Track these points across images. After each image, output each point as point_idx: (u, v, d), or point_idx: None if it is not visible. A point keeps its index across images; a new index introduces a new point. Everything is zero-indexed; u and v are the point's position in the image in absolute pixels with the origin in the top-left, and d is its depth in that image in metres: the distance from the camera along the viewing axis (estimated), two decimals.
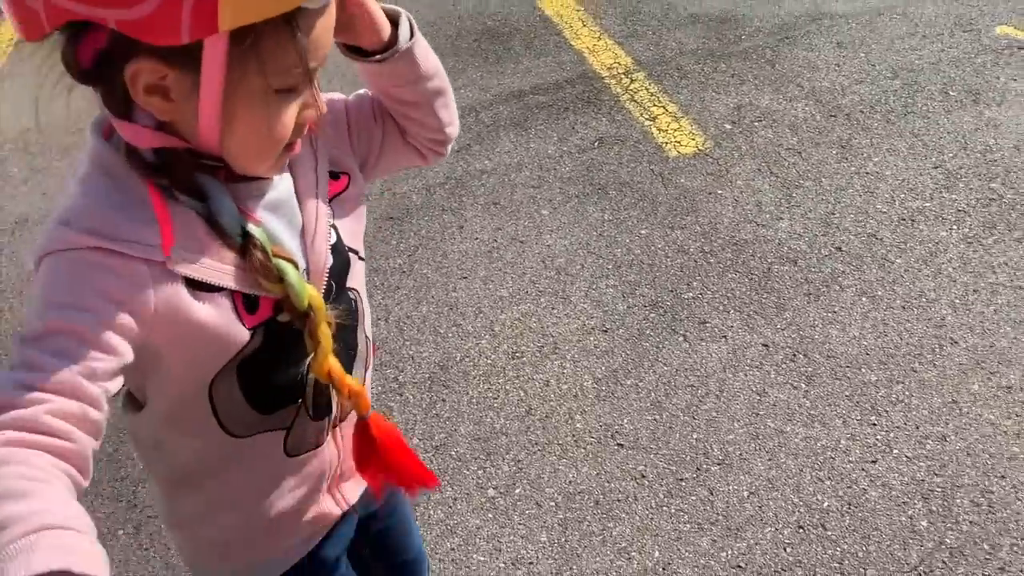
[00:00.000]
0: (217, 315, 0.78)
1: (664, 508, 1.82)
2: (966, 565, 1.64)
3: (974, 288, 2.22)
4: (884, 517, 1.74)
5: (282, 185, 0.85)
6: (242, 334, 0.80)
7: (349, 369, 0.92)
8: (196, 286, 0.76)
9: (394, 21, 0.87)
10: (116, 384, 0.71)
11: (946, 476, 1.80)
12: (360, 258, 0.94)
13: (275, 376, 0.86)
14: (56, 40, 0.70)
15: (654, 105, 3.18)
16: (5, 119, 4.03)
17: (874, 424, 1.93)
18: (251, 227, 0.78)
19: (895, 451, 1.86)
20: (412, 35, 0.88)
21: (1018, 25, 3.30)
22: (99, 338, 0.68)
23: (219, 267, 0.77)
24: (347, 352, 0.92)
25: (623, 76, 3.39)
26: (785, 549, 1.72)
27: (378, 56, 0.86)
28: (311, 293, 0.81)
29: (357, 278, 0.94)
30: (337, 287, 0.90)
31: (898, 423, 1.92)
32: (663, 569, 1.71)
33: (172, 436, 0.89)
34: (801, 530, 1.75)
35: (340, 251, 0.90)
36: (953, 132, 2.79)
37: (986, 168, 2.62)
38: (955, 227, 2.42)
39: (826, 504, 1.79)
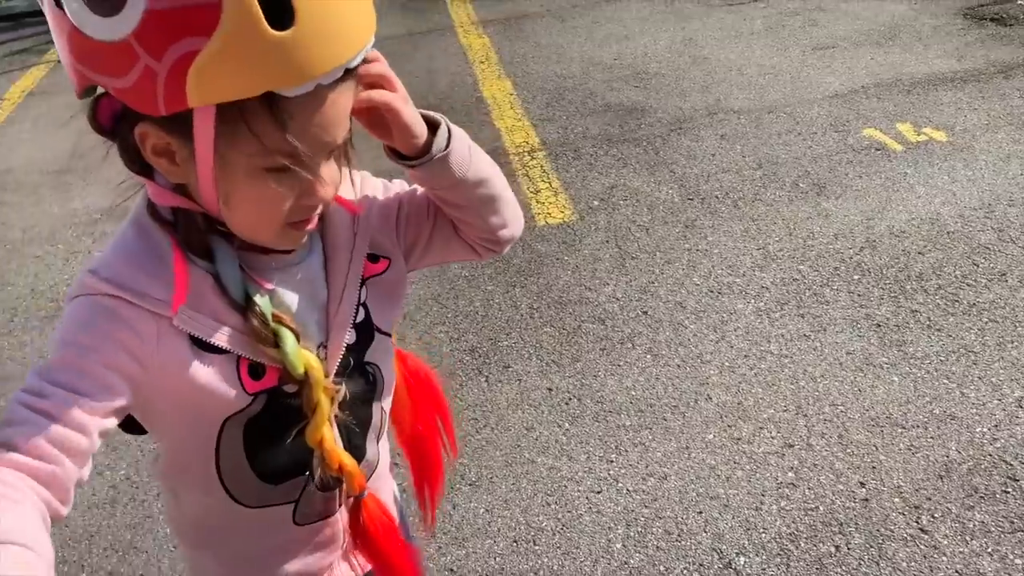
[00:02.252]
0: (217, 376, 0.81)
1: (409, 520, 2.08)
2: None
3: (745, 354, 2.46)
4: (588, 538, 1.98)
5: (310, 260, 0.88)
6: (240, 397, 0.83)
7: (363, 440, 0.95)
8: (200, 345, 0.80)
9: (434, 126, 0.88)
10: (110, 422, 0.75)
11: (653, 508, 2.03)
12: (385, 334, 0.96)
13: (280, 446, 0.87)
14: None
15: (542, 180, 3.51)
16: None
17: (612, 461, 2.17)
18: (256, 294, 0.81)
19: (619, 485, 2.10)
20: (448, 144, 0.87)
21: (884, 129, 3.58)
22: (100, 376, 0.73)
23: (223, 329, 0.80)
24: (360, 424, 0.94)
25: (526, 153, 3.75)
26: (496, 559, 1.96)
27: (412, 161, 0.88)
28: (308, 362, 0.83)
29: (379, 353, 0.95)
30: (356, 362, 0.92)
31: (632, 461, 2.16)
32: None
33: (183, 489, 0.94)
34: (515, 544, 1.99)
35: (366, 329, 0.92)
36: (788, 219, 3.06)
37: (802, 252, 2.88)
38: (752, 300, 2.68)
39: (544, 524, 2.03)
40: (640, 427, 2.26)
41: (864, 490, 2.01)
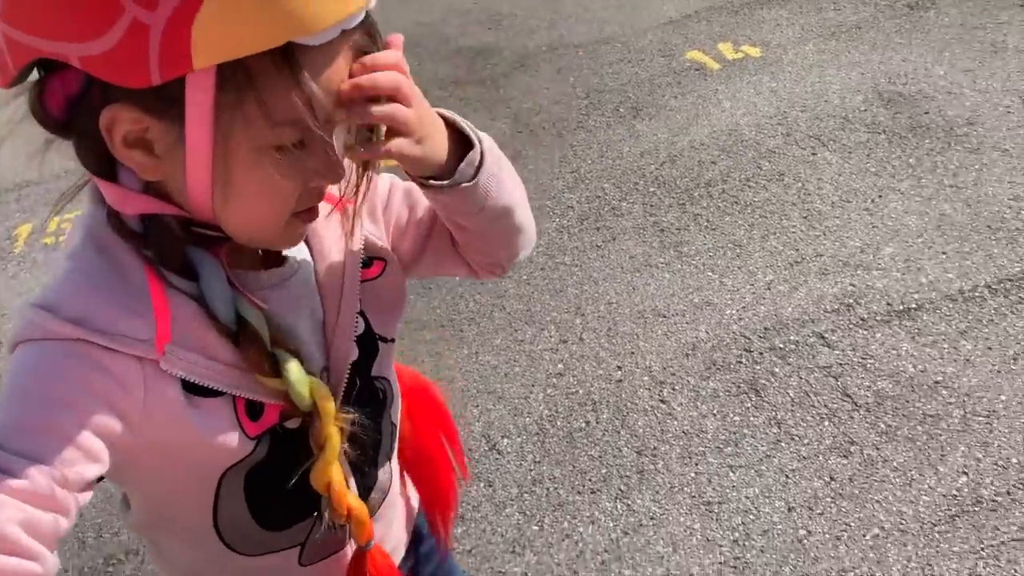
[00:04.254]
0: (214, 423, 0.68)
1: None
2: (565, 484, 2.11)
3: (542, 267, 2.70)
4: None
5: (301, 271, 0.75)
6: (242, 444, 0.70)
7: (373, 466, 0.84)
8: (192, 388, 0.66)
9: (467, 143, 0.75)
10: (87, 496, 0.61)
11: None
12: (389, 341, 0.83)
13: (285, 490, 0.74)
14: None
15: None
16: None
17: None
18: (246, 310, 0.68)
19: None
20: (476, 173, 0.74)
21: (706, 50, 3.79)
22: (78, 440, 0.59)
23: (216, 367, 0.67)
24: (371, 445, 0.82)
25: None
26: None
27: (433, 182, 0.73)
28: (316, 390, 0.70)
29: (384, 363, 0.83)
30: (362, 380, 0.80)
31: (426, 370, 2.38)
32: None
33: (168, 540, 0.81)
34: None
35: (368, 341, 0.79)
36: (602, 143, 3.28)
37: (608, 172, 3.10)
38: (557, 219, 2.91)
39: None
40: (438, 339, 2.50)
41: (620, 372, 2.26)
